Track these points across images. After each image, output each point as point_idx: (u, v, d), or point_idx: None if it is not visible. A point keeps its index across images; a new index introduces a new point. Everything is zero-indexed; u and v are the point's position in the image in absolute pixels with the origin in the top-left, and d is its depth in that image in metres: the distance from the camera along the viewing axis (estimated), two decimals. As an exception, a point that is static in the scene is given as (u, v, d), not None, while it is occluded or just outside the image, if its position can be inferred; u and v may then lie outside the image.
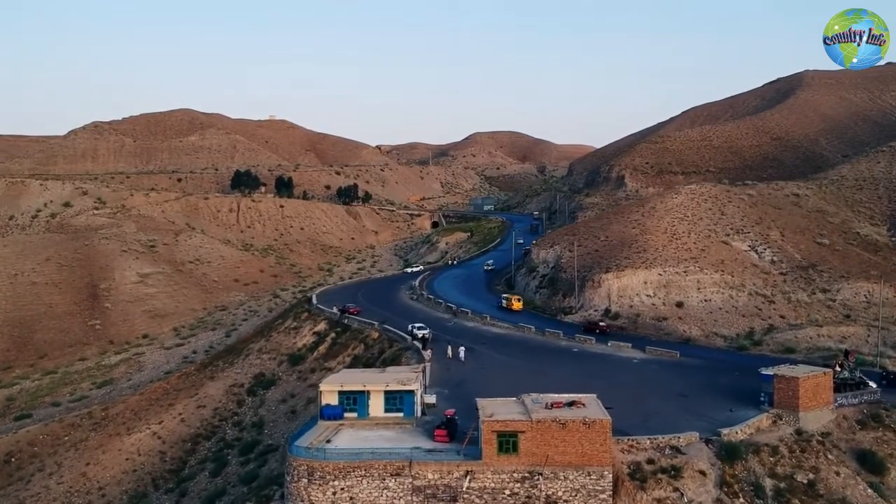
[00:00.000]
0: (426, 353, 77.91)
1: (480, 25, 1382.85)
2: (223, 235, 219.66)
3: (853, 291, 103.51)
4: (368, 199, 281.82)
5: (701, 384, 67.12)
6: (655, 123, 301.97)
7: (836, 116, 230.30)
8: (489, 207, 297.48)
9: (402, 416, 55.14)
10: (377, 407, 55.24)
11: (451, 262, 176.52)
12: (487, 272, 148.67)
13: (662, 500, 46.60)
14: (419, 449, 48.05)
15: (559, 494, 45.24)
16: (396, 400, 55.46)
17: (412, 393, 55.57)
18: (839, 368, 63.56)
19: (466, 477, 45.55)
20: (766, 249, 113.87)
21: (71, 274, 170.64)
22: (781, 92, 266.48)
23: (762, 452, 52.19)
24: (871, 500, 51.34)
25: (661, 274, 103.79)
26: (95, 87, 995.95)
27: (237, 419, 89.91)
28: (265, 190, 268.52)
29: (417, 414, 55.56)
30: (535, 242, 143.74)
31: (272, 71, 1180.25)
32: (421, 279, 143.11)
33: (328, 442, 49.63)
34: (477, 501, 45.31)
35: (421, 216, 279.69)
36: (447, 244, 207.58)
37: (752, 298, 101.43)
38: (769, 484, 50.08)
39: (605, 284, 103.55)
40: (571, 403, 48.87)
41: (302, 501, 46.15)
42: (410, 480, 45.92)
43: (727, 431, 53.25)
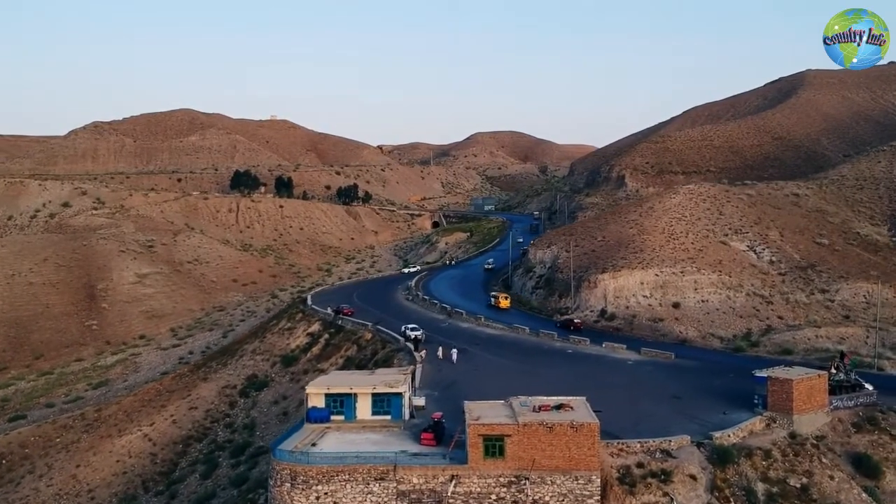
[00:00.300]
0: (418, 354, 77.25)
1: (480, 25, 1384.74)
2: (222, 235, 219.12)
3: (852, 292, 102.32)
4: (369, 199, 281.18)
5: (695, 386, 66.26)
6: (656, 123, 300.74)
7: (837, 116, 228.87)
8: (490, 207, 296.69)
9: (389, 418, 54.38)
10: (364, 410, 54.53)
11: (448, 262, 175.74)
12: (487, 272, 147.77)
13: (651, 505, 45.76)
14: (405, 453, 47.32)
15: (546, 499, 44.44)
16: (384, 402, 54.71)
17: (400, 395, 54.82)
18: (834, 370, 62.69)
19: (452, 481, 44.79)
20: (764, 249, 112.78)
21: (68, 274, 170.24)
22: (783, 91, 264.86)
23: (755, 456, 51.31)
24: (865, 504, 50.46)
25: (657, 274, 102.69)
26: (95, 87, 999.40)
27: (229, 421, 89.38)
28: (265, 190, 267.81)
29: (405, 417, 54.77)
30: (532, 242, 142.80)
31: (272, 71, 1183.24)
32: (417, 279, 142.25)
33: (313, 445, 48.90)
34: (462, 506, 44.50)
35: (421, 216, 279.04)
36: (447, 244, 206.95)
37: (749, 299, 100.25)
38: (761, 488, 49.22)
39: (601, 285, 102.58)
40: (560, 406, 48.11)
41: (285, 506, 45.42)
42: (395, 485, 45.20)
43: (719, 435, 52.40)
